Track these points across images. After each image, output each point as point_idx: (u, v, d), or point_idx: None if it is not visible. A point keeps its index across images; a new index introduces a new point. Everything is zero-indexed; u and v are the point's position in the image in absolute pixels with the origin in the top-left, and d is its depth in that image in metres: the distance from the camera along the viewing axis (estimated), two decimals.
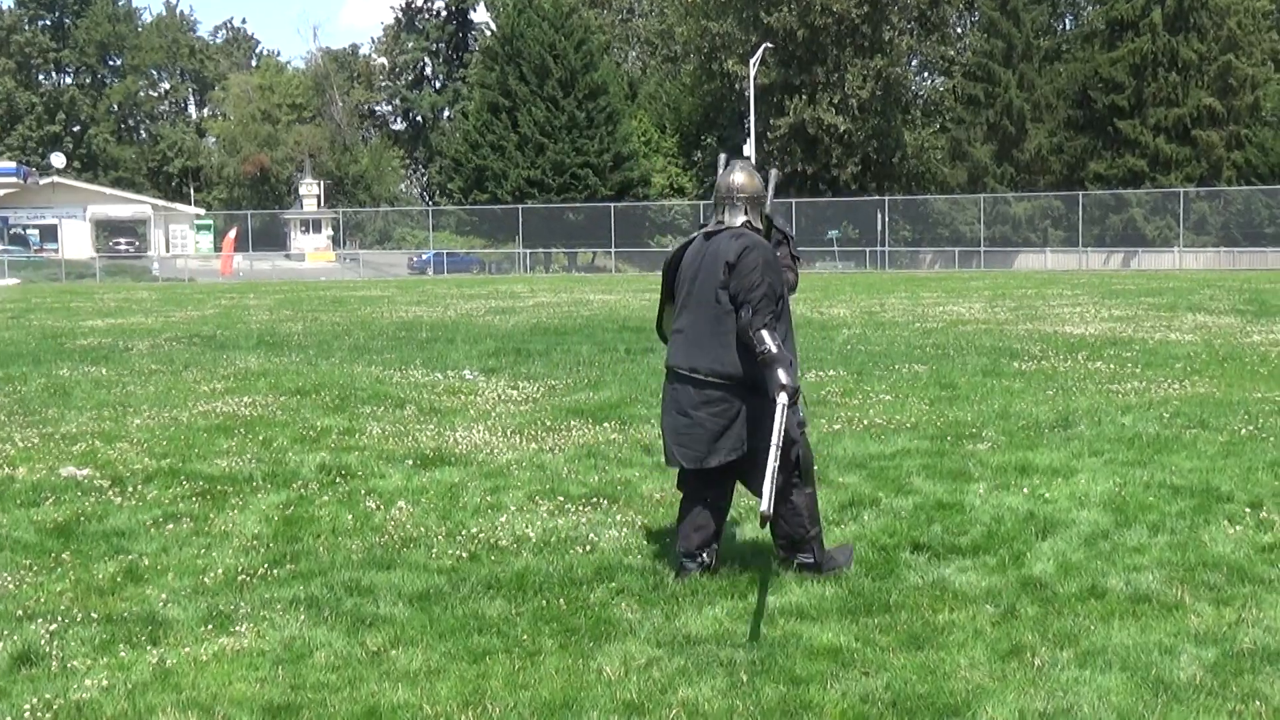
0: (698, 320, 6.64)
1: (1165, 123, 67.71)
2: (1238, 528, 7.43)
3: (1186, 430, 10.50)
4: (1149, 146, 67.87)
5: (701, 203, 66.60)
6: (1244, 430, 10.42)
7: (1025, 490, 8.39)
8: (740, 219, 6.80)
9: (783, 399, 6.29)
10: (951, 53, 77.30)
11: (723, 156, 9.98)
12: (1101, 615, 5.96)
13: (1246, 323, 21.77)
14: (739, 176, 6.88)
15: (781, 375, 6.32)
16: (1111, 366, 15.14)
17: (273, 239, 79.63)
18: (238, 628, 5.98)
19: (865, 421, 11.17)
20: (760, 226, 6.83)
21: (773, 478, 6.07)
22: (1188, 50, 67.48)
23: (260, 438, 10.75)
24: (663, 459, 7.13)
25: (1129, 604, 6.12)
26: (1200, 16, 67.89)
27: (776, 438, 6.22)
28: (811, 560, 6.68)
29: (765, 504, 5.97)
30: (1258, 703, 4.92)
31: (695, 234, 6.97)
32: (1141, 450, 9.67)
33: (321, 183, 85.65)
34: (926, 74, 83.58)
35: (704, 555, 6.72)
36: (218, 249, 70.80)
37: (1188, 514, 7.75)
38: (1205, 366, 15.06)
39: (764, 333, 6.40)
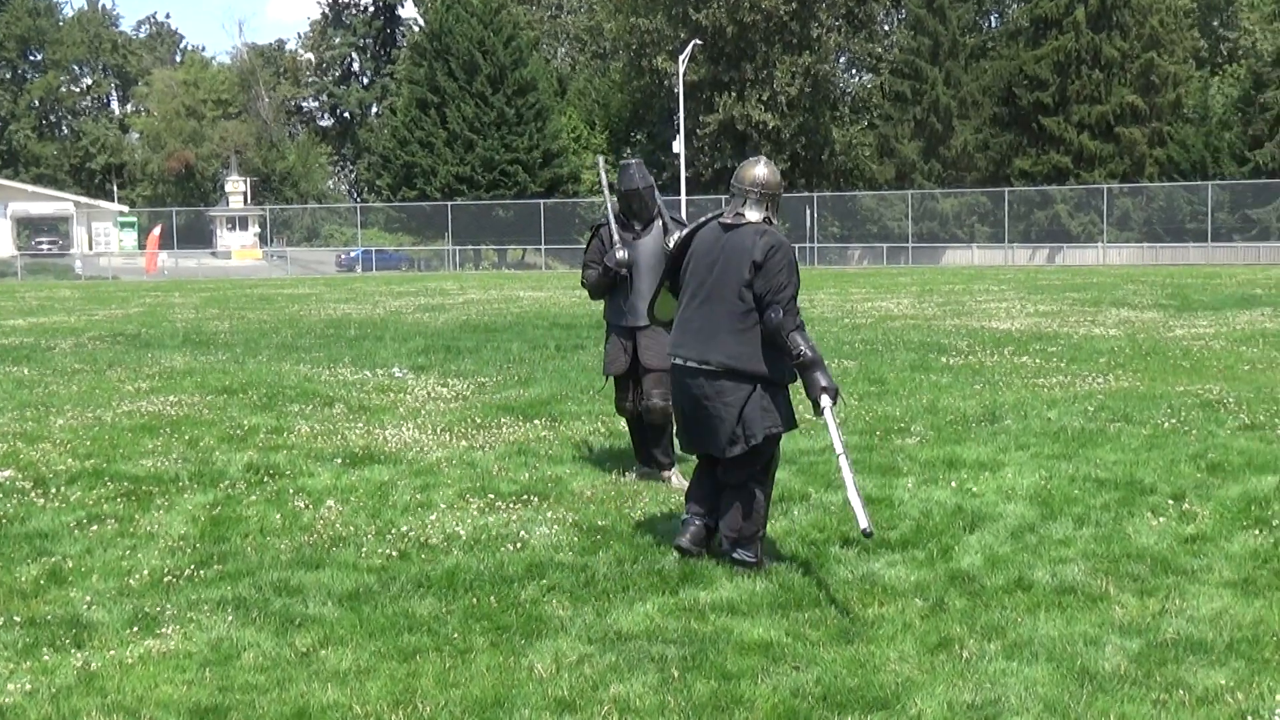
0: (715, 314, 6.67)
1: (1089, 120, 68.50)
2: (1161, 519, 7.53)
3: (1111, 424, 10.63)
4: (1073, 143, 68.65)
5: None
6: (1167, 423, 10.57)
7: (953, 484, 8.46)
8: (760, 214, 6.80)
9: (825, 401, 6.51)
10: (879, 50, 77.75)
11: (600, 160, 10.08)
12: (1028, 607, 6.03)
13: (1169, 317, 22.08)
14: (761, 170, 6.88)
15: (821, 378, 6.53)
16: (1037, 361, 15.31)
17: (198, 236, 78.85)
18: (164, 630, 5.92)
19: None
20: (776, 222, 6.93)
21: (855, 488, 6.38)
22: (1110, 48, 68.29)
23: (186, 437, 10.63)
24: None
25: (1055, 596, 6.19)
26: (1123, 14, 68.71)
27: (840, 445, 6.51)
28: (753, 559, 6.73)
29: (865, 521, 6.26)
30: (1181, 692, 4.99)
31: (706, 219, 7.01)
32: (1067, 444, 9.78)
33: (248, 179, 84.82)
34: (854, 71, 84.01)
35: (698, 521, 6.94)
36: (142, 246, 69.94)
37: (1112, 506, 7.85)
38: (1129, 361, 15.26)
39: (798, 335, 6.53)
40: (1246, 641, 5.50)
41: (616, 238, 8.86)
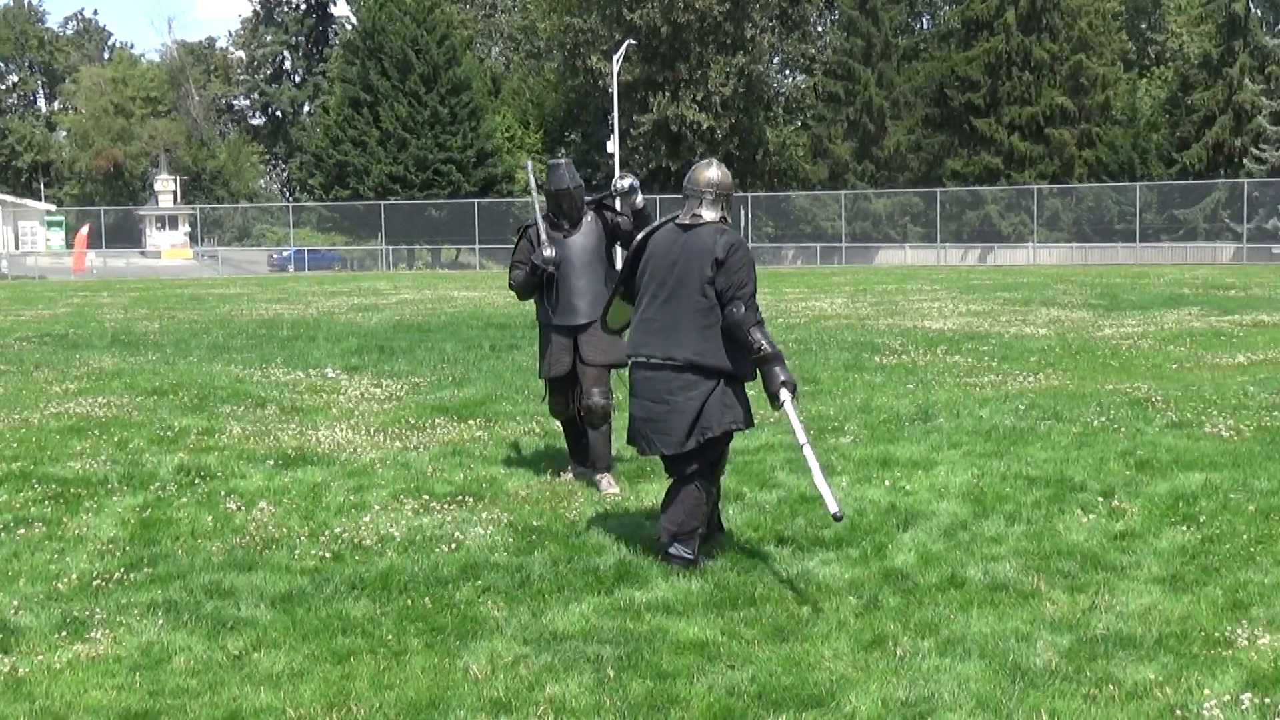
0: (677, 312, 6.78)
1: (1019, 121, 69.15)
2: (1091, 516, 7.62)
3: (1041, 422, 10.73)
4: (1004, 144, 69.28)
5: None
6: (1096, 421, 10.69)
7: (887, 483, 8.52)
8: (717, 213, 6.96)
9: (785, 395, 6.63)
10: (812, 51, 78.07)
11: (529, 162, 10.05)
12: (961, 604, 6.08)
13: (1098, 317, 22.33)
14: (714, 172, 7.06)
15: (780, 373, 6.66)
16: (969, 360, 15.44)
17: (127, 236, 77.87)
18: (93, 634, 5.84)
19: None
20: (731, 220, 7.05)
21: (822, 476, 6.52)
22: (1040, 50, 68.98)
23: (115, 439, 10.51)
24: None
25: (987, 593, 6.24)
26: (1052, 17, 69.42)
27: (803, 436, 6.64)
28: (690, 555, 6.75)
29: (834, 506, 6.39)
30: (1111, 686, 5.05)
31: (660, 222, 7.16)
32: (998, 442, 9.87)
33: (178, 178, 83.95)
34: (788, 71, 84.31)
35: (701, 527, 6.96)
36: (69, 246, 69.01)
37: (1043, 504, 7.93)
38: (1059, 360, 15.42)
39: (758, 331, 6.67)
40: (1175, 636, 5.57)
41: (545, 237, 8.80)
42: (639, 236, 7.23)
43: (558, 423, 9.59)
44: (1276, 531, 7.21)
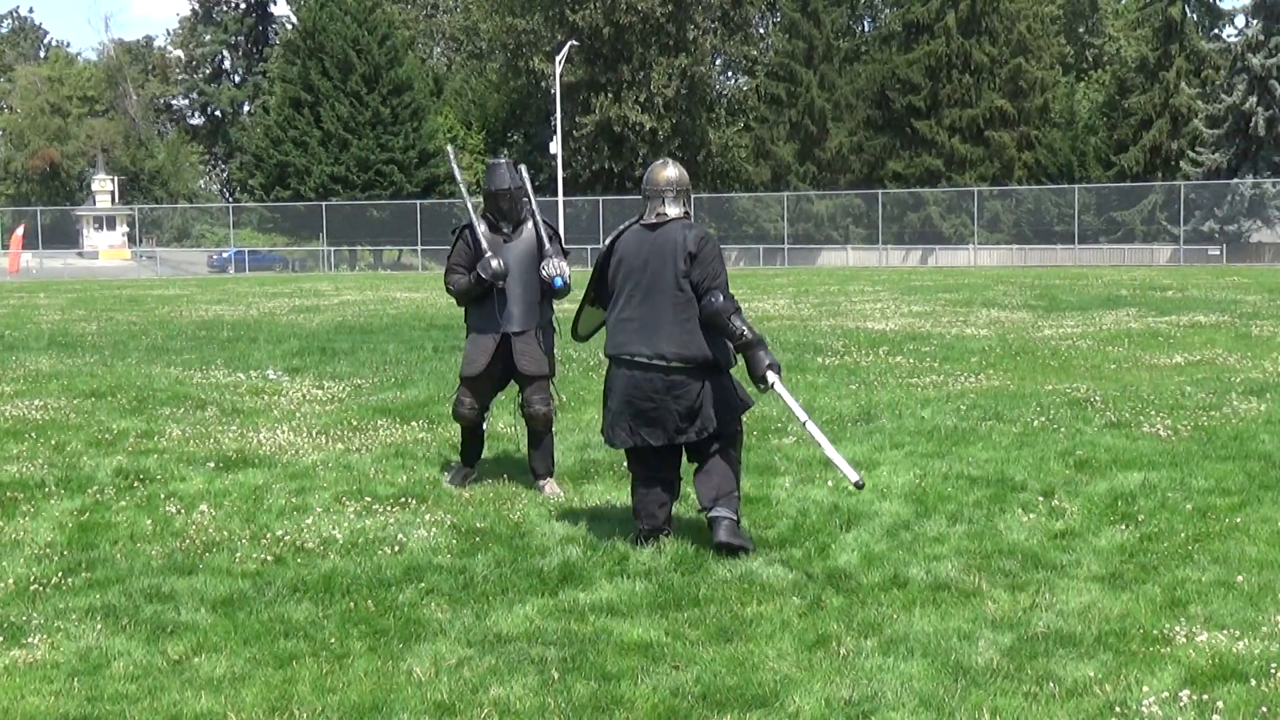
0: (656, 308, 6.93)
1: (960, 123, 69.70)
2: (1031, 516, 7.68)
3: (982, 422, 10.81)
4: (945, 146, 69.80)
5: None
6: (1036, 421, 10.78)
7: (830, 483, 8.54)
8: (680, 209, 7.15)
9: (772, 376, 6.88)
10: (754, 52, 78.32)
11: (449, 148, 9.98)
12: (903, 604, 6.11)
13: (1038, 318, 22.53)
14: (672, 171, 7.23)
15: (765, 356, 6.89)
16: (911, 361, 15.53)
17: (64, 236, 76.99)
18: (30, 639, 5.77)
19: None
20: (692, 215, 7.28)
21: (832, 448, 6.90)
22: (980, 53, 69.55)
23: (52, 442, 10.38)
24: (605, 440, 7.42)
25: (929, 592, 6.28)
26: (992, 20, 70.02)
27: (802, 413, 6.99)
28: (732, 515, 6.97)
29: (854, 475, 6.81)
30: (1051, 684, 5.09)
31: (624, 228, 7.28)
32: (940, 442, 9.94)
33: (116, 178, 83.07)
34: (730, 73, 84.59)
35: (668, 526, 7.24)
36: (4, 246, 68.11)
37: (984, 503, 7.99)
38: (999, 360, 15.54)
39: (737, 318, 6.90)
40: (1114, 634, 5.63)
41: (486, 245, 8.54)
42: (606, 241, 7.31)
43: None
44: (1213, 530, 7.29)
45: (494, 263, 8.47)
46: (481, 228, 8.65)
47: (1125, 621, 5.80)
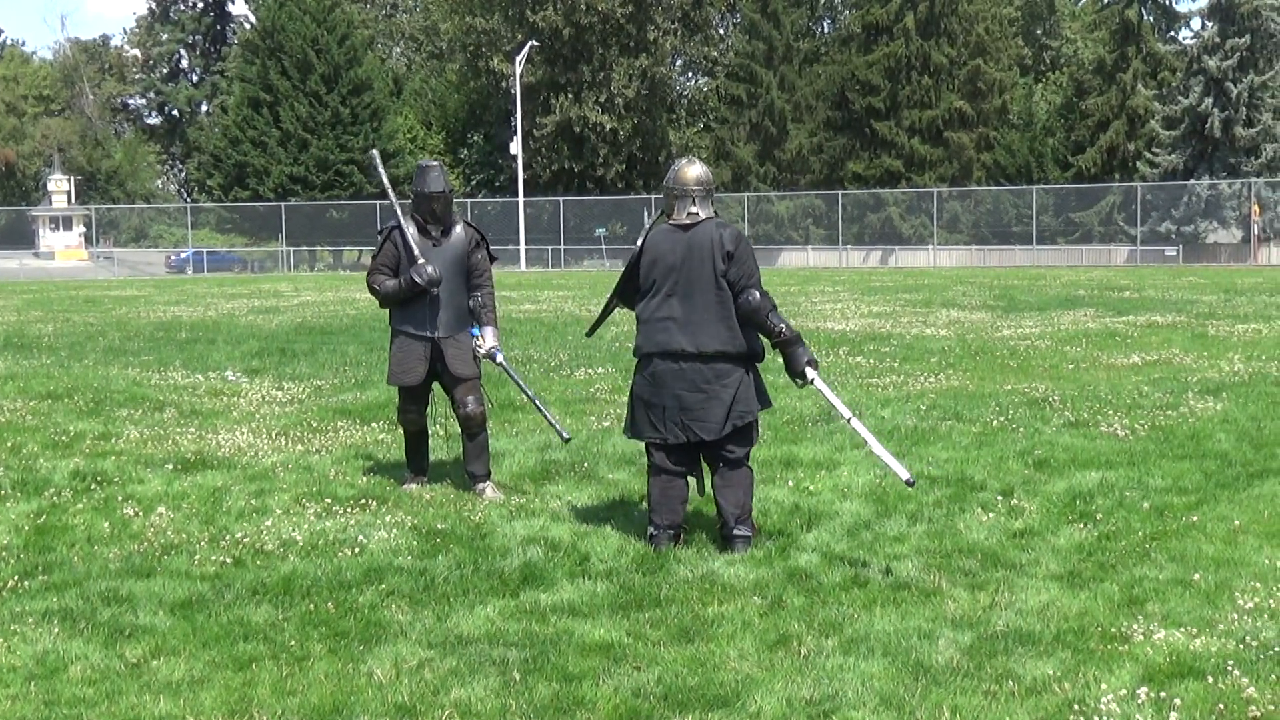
0: (698, 306, 7.04)
1: (919, 124, 69.96)
2: (990, 515, 7.72)
3: (942, 422, 10.86)
4: (904, 147, 70.05)
5: (470, 200, 66.37)
6: (995, 421, 10.84)
7: (790, 483, 8.57)
8: (710, 209, 7.25)
9: (811, 372, 7.12)
10: (715, 53, 78.41)
11: (374, 153, 9.79)
12: (864, 603, 6.13)
13: (996, 318, 22.65)
14: (699, 169, 7.29)
15: (804, 353, 7.16)
16: (871, 361, 15.58)
17: (20, 237, 76.24)
18: None
19: None
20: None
21: (879, 445, 7.09)
22: (939, 55, 69.83)
23: (9, 444, 10.29)
24: (629, 433, 7.49)
25: (890, 592, 6.30)
26: (950, 22, 70.32)
27: (845, 410, 7.22)
28: (751, 533, 7.13)
29: (905, 473, 6.99)
30: (1011, 682, 5.12)
31: (653, 228, 7.32)
32: (900, 442, 9.97)
33: (72, 178, 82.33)
34: (690, 74, 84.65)
35: (684, 524, 7.26)
36: None
37: (944, 503, 8.03)
38: (959, 360, 15.62)
39: (775, 316, 7.11)
40: (1072, 632, 5.67)
41: (418, 251, 8.42)
42: (638, 242, 7.33)
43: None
44: (1170, 529, 7.35)
45: (429, 269, 8.40)
46: (411, 230, 8.53)
47: (1083, 620, 5.84)
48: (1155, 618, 5.83)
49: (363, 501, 8.29)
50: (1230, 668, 5.18)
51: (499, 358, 8.70)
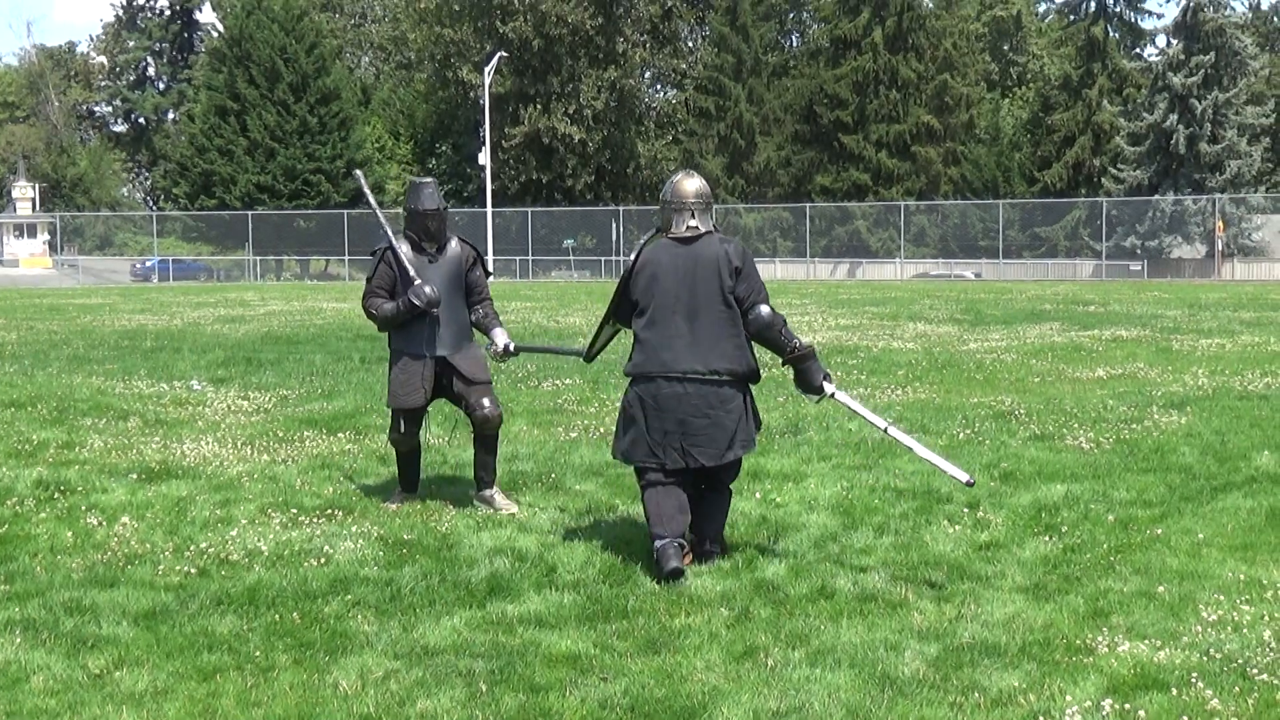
0: (705, 323, 6.86)
1: (887, 138, 70.35)
2: (957, 527, 7.74)
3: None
4: (872, 161, 70.43)
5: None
6: (961, 434, 10.88)
7: (757, 495, 8.57)
8: (710, 222, 7.08)
9: (830, 387, 7.00)
10: (683, 66, 78.66)
11: (358, 172, 9.77)
12: (831, 615, 6.13)
13: (963, 331, 22.74)
14: (697, 182, 7.13)
15: (818, 367, 7.03)
16: (838, 374, 15.60)
17: None
18: None
19: (601, 429, 11.26)
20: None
21: (926, 450, 7.06)
22: (907, 69, 70.25)
23: None
24: (619, 455, 7.28)
25: (857, 603, 6.31)
26: (918, 37, 70.79)
27: (879, 419, 7.17)
28: (720, 550, 7.10)
29: (963, 475, 6.93)
30: (976, 694, 5.13)
31: (650, 243, 7.11)
32: (867, 454, 10.00)
33: (37, 185, 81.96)
34: (659, 86, 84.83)
35: (689, 532, 7.05)
36: None
37: (910, 515, 8.05)
38: (925, 373, 15.67)
39: (787, 331, 6.98)
40: (1038, 644, 5.68)
41: (413, 271, 8.29)
42: (631, 258, 7.13)
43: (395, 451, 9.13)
44: (1135, 541, 7.39)
45: (427, 290, 8.23)
46: (404, 249, 8.37)
47: (1049, 632, 5.86)
48: (1120, 630, 5.86)
49: (329, 511, 8.25)
50: (1194, 680, 5.20)
51: (513, 347, 8.65)
